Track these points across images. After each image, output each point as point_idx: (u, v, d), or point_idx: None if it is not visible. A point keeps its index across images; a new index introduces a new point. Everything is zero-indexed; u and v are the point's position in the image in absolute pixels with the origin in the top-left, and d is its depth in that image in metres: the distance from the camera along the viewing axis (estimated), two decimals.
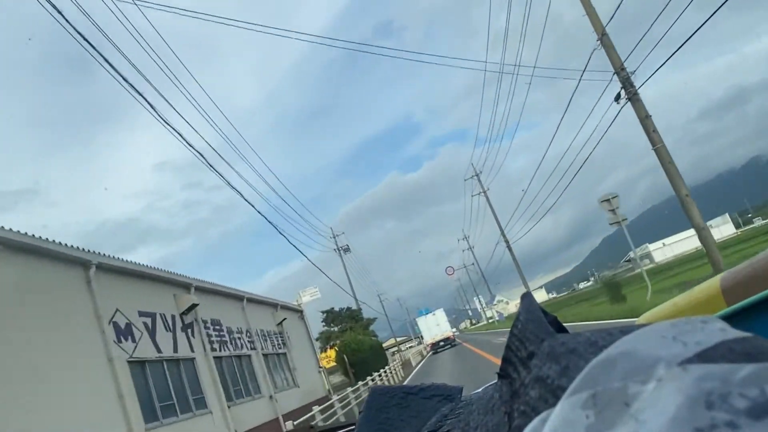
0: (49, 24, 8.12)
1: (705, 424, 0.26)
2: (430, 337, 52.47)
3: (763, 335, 0.32)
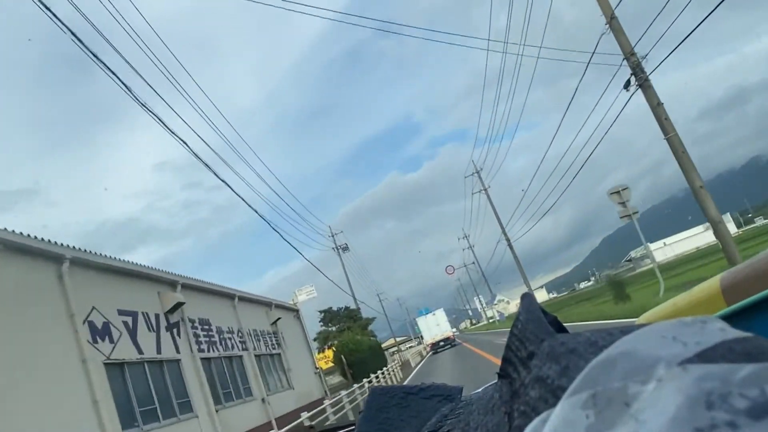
0: (49, 24, 8.12)
1: (705, 424, 0.26)
2: (430, 337, 52.45)
3: (763, 335, 0.32)
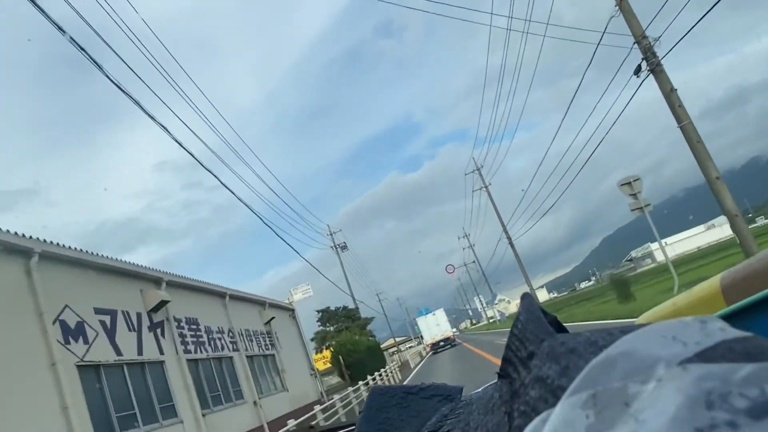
0: (49, 24, 8.11)
1: (705, 423, 0.26)
2: (430, 337, 52.41)
3: (763, 335, 0.32)
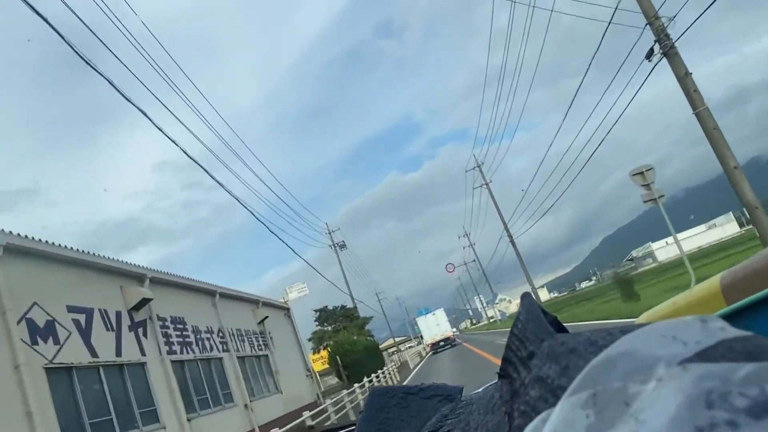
0: (48, 24, 8.10)
1: (705, 423, 0.26)
2: (430, 337, 52.39)
3: (763, 334, 0.32)
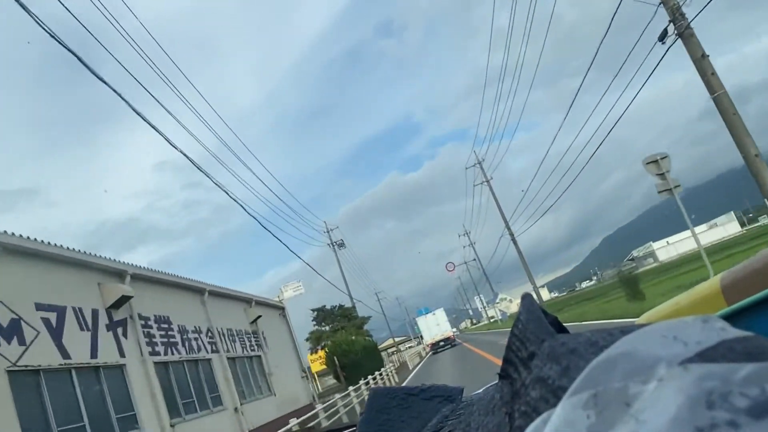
0: (48, 24, 8.11)
1: (706, 423, 0.26)
2: (429, 337, 52.30)
3: (763, 334, 0.32)
